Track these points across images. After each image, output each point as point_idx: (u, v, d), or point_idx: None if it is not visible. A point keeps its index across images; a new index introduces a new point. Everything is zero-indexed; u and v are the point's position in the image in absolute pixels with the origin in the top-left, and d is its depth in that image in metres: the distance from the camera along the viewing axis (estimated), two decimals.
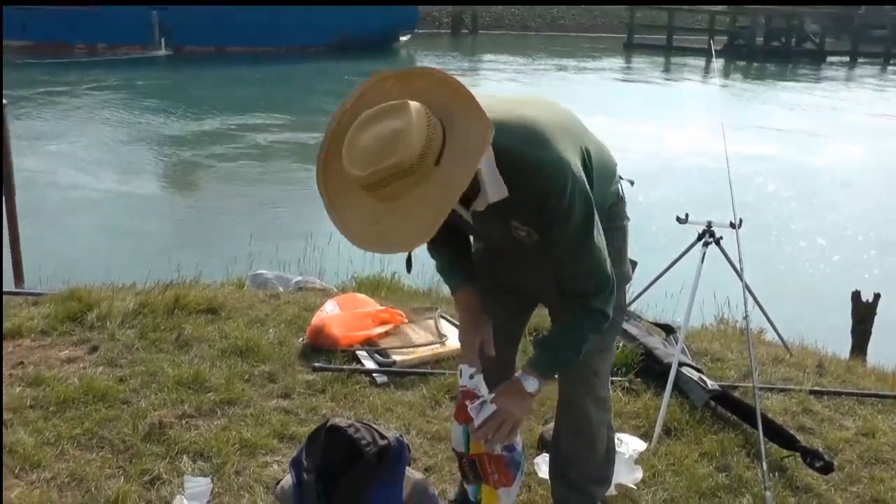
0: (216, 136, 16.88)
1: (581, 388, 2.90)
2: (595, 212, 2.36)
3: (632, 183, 2.87)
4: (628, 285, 2.95)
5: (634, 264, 2.88)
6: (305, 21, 34.03)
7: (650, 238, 8.29)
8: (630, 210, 2.80)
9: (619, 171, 2.77)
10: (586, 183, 2.33)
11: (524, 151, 2.24)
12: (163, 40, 33.81)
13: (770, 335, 5.43)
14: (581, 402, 2.92)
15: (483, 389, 2.60)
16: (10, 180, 6.65)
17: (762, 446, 3.49)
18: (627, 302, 3.32)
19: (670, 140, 17.68)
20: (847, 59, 39.02)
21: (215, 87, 24.52)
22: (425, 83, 2.16)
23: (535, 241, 2.42)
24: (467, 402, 2.58)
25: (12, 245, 6.54)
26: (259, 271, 6.47)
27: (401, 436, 2.81)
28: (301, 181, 13.06)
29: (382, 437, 2.72)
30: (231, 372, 4.13)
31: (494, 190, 2.24)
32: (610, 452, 3.08)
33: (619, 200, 2.74)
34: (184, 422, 3.67)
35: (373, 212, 2.13)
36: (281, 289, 6.08)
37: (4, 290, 5.37)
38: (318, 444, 2.72)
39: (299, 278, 6.33)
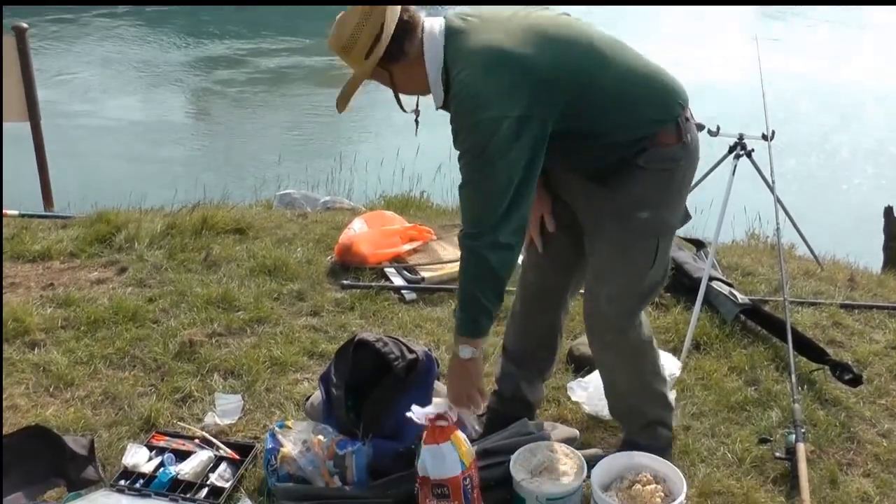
0: (230, 61, 16.69)
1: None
2: (495, 150, 2.31)
3: (710, 132, 2.71)
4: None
5: (688, 218, 2.75)
6: None
7: None
8: None
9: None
10: (520, 113, 2.30)
11: (462, 65, 2.36)
12: None
13: (801, 250, 5.36)
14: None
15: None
16: (34, 107, 6.62)
17: (791, 359, 3.46)
18: None
19: (698, 53, 17.27)
20: None
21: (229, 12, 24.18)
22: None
23: None
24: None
25: (40, 169, 6.53)
26: (287, 191, 6.47)
27: (430, 349, 2.82)
28: (322, 105, 12.97)
29: (411, 350, 2.73)
30: (260, 291, 4.15)
31: (437, 94, 2.44)
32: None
33: (675, 138, 2.53)
34: (214, 340, 3.71)
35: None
36: (309, 209, 6.09)
37: (34, 212, 5.41)
38: (346, 358, 2.74)
39: (327, 198, 6.33)
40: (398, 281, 4.28)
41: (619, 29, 2.80)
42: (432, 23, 2.44)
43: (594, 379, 3.20)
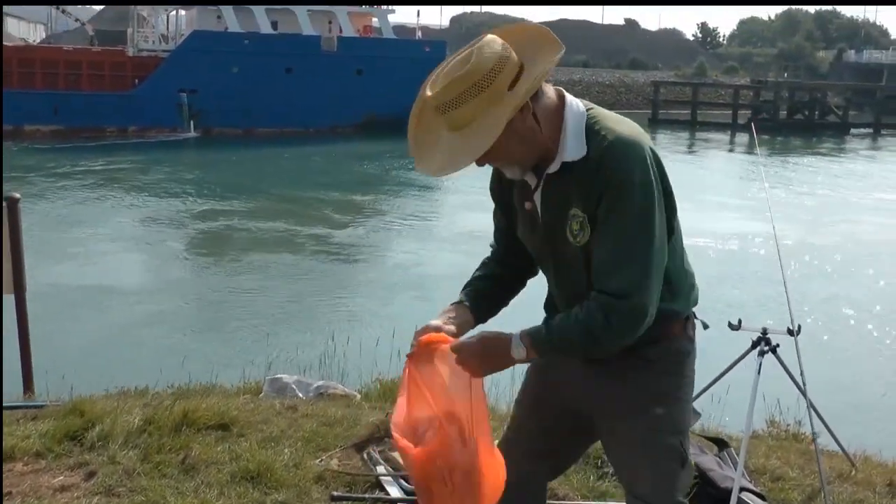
0: (239, 222, 16.72)
1: None
2: (657, 207, 2.19)
3: (705, 326, 2.52)
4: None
5: (697, 415, 2.52)
6: (334, 102, 34.36)
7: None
8: None
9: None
10: (657, 183, 2.21)
11: (611, 126, 2.22)
12: (192, 123, 34.27)
13: (825, 439, 4.97)
14: None
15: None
16: (21, 280, 6.38)
17: None
18: None
19: (706, 221, 17.25)
20: (871, 130, 38.75)
21: (242, 169, 24.52)
22: (518, 30, 2.27)
23: (585, 244, 2.25)
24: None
25: (23, 353, 6.22)
26: (277, 375, 6.11)
27: None
28: (324, 274, 12.83)
29: None
30: (240, 502, 3.74)
31: (573, 146, 2.21)
32: None
33: (680, 330, 2.42)
34: None
35: (448, 143, 2.18)
36: (301, 394, 5.72)
37: (6, 404, 5.03)
38: None
39: (320, 383, 5.97)
40: (394, 492, 3.86)
41: None
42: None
43: None
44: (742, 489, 3.67)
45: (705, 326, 2.55)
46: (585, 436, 2.65)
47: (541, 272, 2.55)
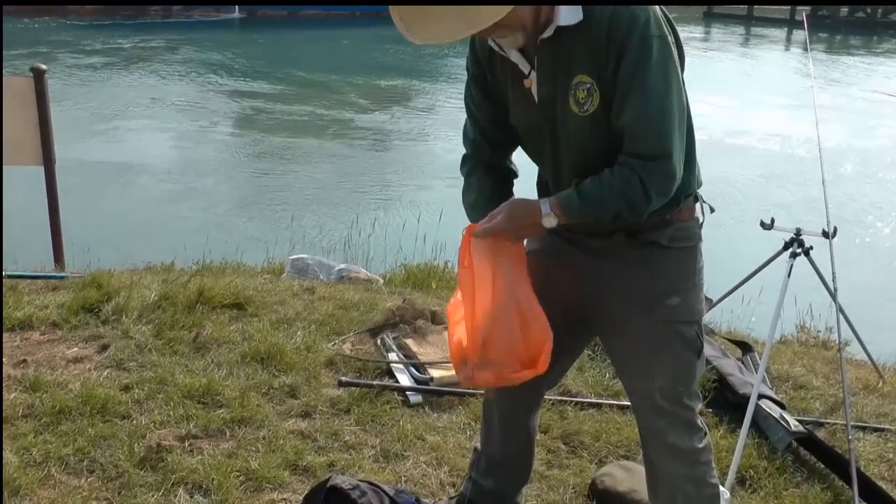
0: (268, 104, 16.53)
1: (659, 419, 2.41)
2: (676, 61, 2.07)
3: (712, 209, 2.38)
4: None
5: (710, 302, 2.39)
6: None
7: (725, 234, 7.70)
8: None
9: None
10: (671, 36, 2.07)
11: None
12: (236, 4, 33.71)
13: (854, 349, 4.83)
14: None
15: None
16: (49, 152, 6.32)
17: None
18: None
19: (751, 120, 16.76)
20: None
21: (280, 52, 24.20)
22: None
23: (593, 113, 2.11)
24: None
25: (52, 225, 6.20)
26: (300, 256, 6.05)
27: (417, 499, 2.34)
28: (353, 158, 12.65)
29: (394, 502, 2.25)
30: (248, 383, 3.70)
31: (568, 12, 2.05)
32: None
33: (689, 213, 2.33)
34: (186, 444, 3.25)
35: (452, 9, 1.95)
36: (322, 276, 5.67)
37: (28, 273, 5.02)
38: None
39: (342, 266, 5.89)
40: (404, 379, 3.80)
41: None
42: None
43: None
44: (761, 396, 3.55)
45: (712, 210, 2.42)
46: (587, 332, 2.55)
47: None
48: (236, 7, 33.36)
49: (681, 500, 2.45)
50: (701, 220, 2.38)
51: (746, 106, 18.21)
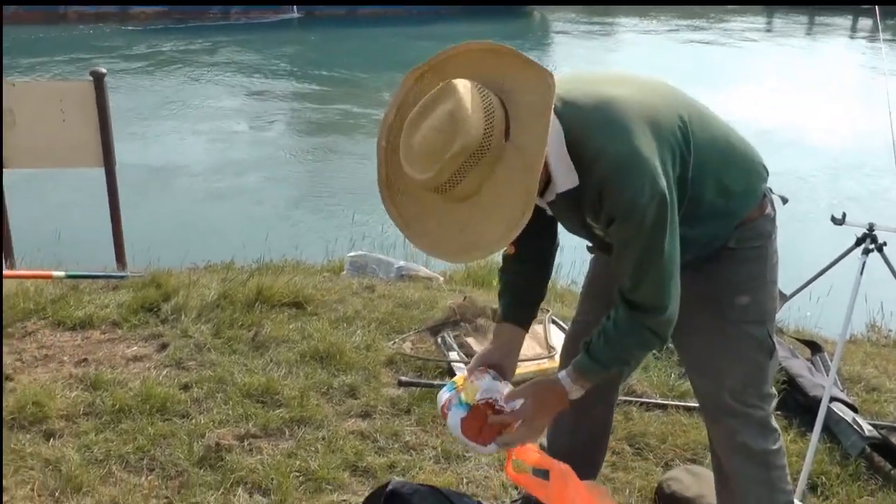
0: (334, 104, 16.56)
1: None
2: (670, 216, 1.97)
3: (785, 200, 2.27)
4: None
5: (784, 297, 2.30)
6: None
7: (793, 229, 7.47)
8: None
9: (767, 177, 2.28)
10: (665, 179, 1.94)
11: (599, 144, 1.92)
12: (295, 6, 33.93)
13: None
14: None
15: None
16: (110, 154, 6.39)
17: None
18: None
19: (818, 110, 16.33)
20: None
21: (341, 50, 24.28)
22: (465, 60, 1.91)
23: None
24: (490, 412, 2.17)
25: (114, 226, 6.28)
26: (360, 252, 6.02)
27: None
28: None
29: None
30: (307, 382, 3.66)
31: (564, 177, 1.96)
32: None
33: (759, 211, 2.23)
34: (245, 443, 3.22)
35: (456, 218, 1.89)
36: (382, 274, 5.62)
37: (92, 273, 5.06)
38: None
39: (402, 263, 5.83)
40: None
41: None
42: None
43: None
44: (832, 399, 3.40)
45: (784, 201, 2.34)
46: None
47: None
48: (294, 7, 33.56)
49: None
50: (773, 215, 2.28)
51: (812, 96, 17.74)
